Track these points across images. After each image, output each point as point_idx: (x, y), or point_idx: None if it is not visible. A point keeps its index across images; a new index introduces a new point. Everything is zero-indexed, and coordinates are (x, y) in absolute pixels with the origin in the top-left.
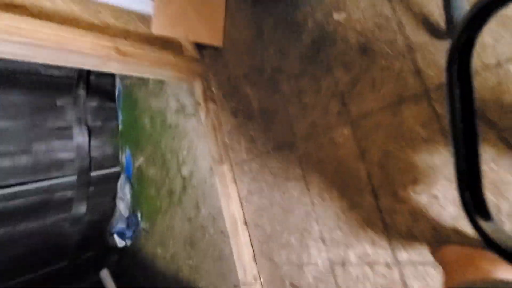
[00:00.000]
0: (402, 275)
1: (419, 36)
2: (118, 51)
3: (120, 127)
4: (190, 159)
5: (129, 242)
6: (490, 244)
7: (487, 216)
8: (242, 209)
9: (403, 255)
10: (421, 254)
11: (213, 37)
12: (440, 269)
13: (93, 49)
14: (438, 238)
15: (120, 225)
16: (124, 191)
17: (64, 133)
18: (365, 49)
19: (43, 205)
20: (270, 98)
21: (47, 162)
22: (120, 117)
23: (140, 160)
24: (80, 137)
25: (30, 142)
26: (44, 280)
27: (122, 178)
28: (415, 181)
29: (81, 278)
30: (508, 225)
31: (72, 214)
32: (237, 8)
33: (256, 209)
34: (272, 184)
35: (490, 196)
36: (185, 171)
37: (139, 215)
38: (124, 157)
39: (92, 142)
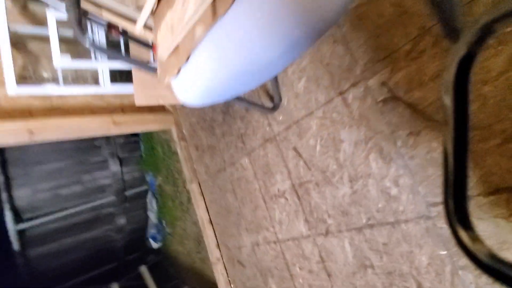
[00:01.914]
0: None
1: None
2: (115, 122)
3: (143, 155)
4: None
5: (160, 244)
6: (468, 254)
7: (467, 226)
8: (208, 213)
9: None
10: None
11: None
12: None
13: (99, 126)
14: None
15: (152, 231)
16: (151, 204)
17: (103, 165)
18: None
19: (94, 220)
20: (211, 137)
21: (93, 188)
22: (142, 148)
23: (159, 180)
24: (114, 166)
25: (80, 175)
26: (100, 277)
27: (149, 194)
28: None
29: (127, 275)
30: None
31: (116, 225)
32: None
33: (215, 212)
34: (221, 194)
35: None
36: (188, 187)
37: (164, 222)
38: (148, 178)
39: (124, 169)
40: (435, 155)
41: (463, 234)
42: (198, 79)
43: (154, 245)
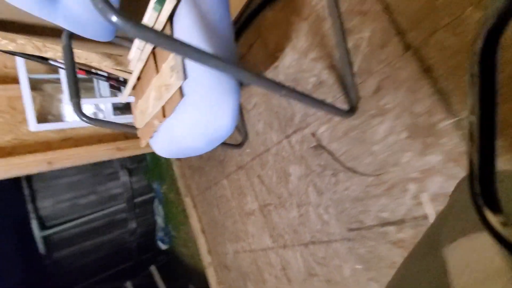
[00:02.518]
0: None
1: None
2: (118, 149)
3: (149, 165)
4: None
5: (167, 246)
6: (497, 238)
7: (496, 209)
8: (200, 223)
9: None
10: None
11: None
12: None
13: (105, 152)
14: None
15: (160, 234)
16: (158, 209)
17: (114, 176)
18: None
19: (109, 224)
20: (200, 160)
21: (107, 196)
22: (148, 159)
23: (164, 188)
24: (124, 177)
25: (95, 186)
26: (116, 276)
27: (156, 201)
28: None
29: (140, 274)
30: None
31: (128, 228)
32: None
33: (206, 222)
34: (209, 208)
35: None
36: (183, 199)
37: (170, 226)
38: (154, 186)
39: (132, 179)
40: (349, 192)
41: (492, 219)
42: (162, 145)
43: (163, 246)
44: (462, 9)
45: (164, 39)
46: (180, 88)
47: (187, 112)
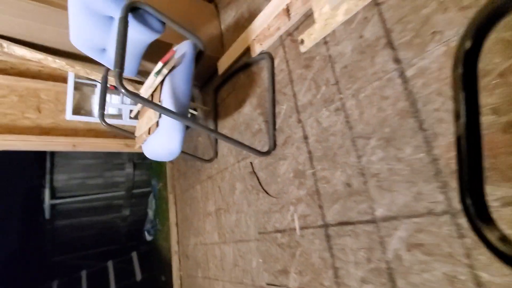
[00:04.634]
0: None
1: None
2: (126, 145)
3: (152, 163)
4: None
5: (152, 237)
6: (493, 250)
7: (488, 221)
8: (176, 217)
9: None
10: None
11: None
12: None
13: (116, 146)
14: None
15: (148, 226)
16: (152, 203)
17: (121, 166)
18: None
19: (107, 207)
20: (185, 166)
21: (110, 182)
22: None
23: (160, 185)
24: (129, 169)
25: (103, 171)
26: (104, 254)
27: (151, 195)
28: None
29: (122, 257)
30: None
31: (122, 214)
32: None
33: (180, 218)
34: (184, 206)
35: None
36: (168, 195)
37: (157, 220)
38: (153, 182)
39: (135, 172)
40: (262, 207)
41: (490, 235)
42: (146, 150)
43: (148, 237)
44: None
45: (146, 102)
46: (157, 122)
47: (158, 135)
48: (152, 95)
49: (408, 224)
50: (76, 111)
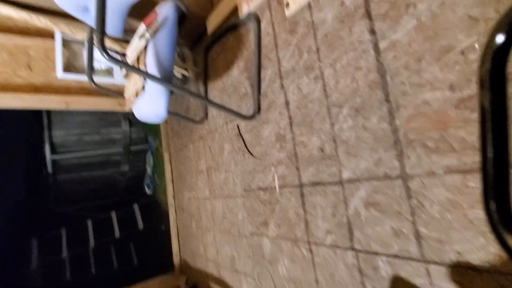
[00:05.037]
0: None
1: None
2: (119, 104)
3: None
4: None
5: (151, 191)
6: None
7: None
8: (172, 174)
9: None
10: None
11: None
12: None
13: (109, 104)
14: None
15: (147, 180)
16: (149, 160)
17: (117, 123)
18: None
19: (105, 162)
20: (179, 126)
21: (107, 139)
22: None
23: (156, 143)
24: (125, 126)
25: (99, 128)
26: (105, 207)
27: (149, 152)
28: None
29: (124, 209)
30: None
31: (121, 170)
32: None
33: (175, 175)
34: (179, 164)
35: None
36: (163, 154)
37: (156, 175)
38: (149, 139)
39: (132, 129)
40: (247, 167)
41: (510, 240)
42: (136, 111)
43: (147, 191)
44: None
45: (129, 68)
46: (143, 86)
47: (144, 98)
48: (138, 58)
49: (368, 186)
50: (67, 68)
